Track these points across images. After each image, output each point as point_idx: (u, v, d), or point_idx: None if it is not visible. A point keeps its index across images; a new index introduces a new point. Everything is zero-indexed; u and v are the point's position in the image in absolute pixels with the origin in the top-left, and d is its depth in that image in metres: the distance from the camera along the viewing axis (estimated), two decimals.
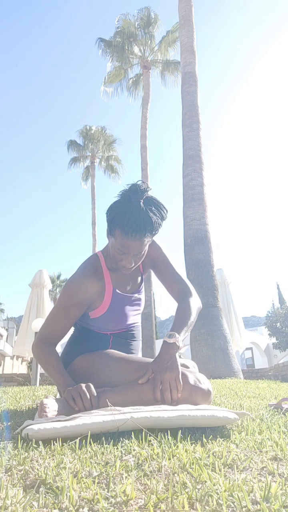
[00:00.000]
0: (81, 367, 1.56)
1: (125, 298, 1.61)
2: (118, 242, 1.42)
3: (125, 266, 1.47)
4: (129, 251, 1.43)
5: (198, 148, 7.37)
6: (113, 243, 1.46)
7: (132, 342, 1.68)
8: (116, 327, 1.62)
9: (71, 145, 21.14)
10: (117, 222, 1.40)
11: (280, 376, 6.49)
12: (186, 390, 1.32)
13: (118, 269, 1.53)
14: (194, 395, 1.33)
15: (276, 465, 0.84)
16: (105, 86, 16.80)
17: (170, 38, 15.31)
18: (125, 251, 1.43)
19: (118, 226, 1.39)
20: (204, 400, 1.35)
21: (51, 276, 24.20)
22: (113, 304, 1.57)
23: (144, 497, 0.67)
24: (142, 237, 1.40)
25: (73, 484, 0.71)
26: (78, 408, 1.27)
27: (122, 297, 1.59)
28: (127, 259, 1.45)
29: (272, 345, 23.42)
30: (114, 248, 1.47)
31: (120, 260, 1.47)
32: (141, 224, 1.37)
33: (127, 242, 1.40)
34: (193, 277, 6.56)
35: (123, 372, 1.45)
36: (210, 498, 0.65)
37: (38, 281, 6.66)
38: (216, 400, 2.02)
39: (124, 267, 1.48)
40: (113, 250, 1.48)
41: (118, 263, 1.49)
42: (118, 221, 1.39)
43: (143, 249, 1.46)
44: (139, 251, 1.44)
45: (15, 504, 0.63)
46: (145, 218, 1.37)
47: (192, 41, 8.10)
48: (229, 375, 5.50)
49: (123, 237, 1.39)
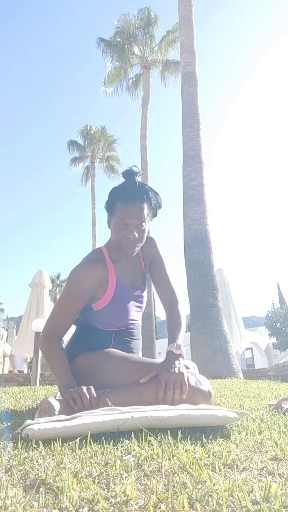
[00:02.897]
0: (82, 366, 1.56)
1: (128, 292, 1.62)
2: (120, 213, 1.49)
3: (129, 239, 1.50)
4: (131, 219, 1.48)
5: (198, 148, 7.37)
6: (115, 220, 1.52)
7: (133, 341, 1.68)
8: (118, 321, 1.62)
9: (72, 145, 21.15)
10: (116, 195, 1.52)
11: (280, 376, 6.49)
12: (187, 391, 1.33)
13: (122, 252, 1.56)
14: (194, 396, 1.33)
15: (276, 465, 0.84)
16: (105, 86, 16.80)
17: (170, 38, 15.31)
18: (127, 220, 1.48)
19: (118, 198, 1.51)
20: (205, 402, 1.35)
21: (51, 276, 24.21)
22: (116, 295, 1.58)
23: (144, 497, 0.67)
24: (141, 203, 1.49)
25: (73, 484, 0.71)
26: (78, 409, 1.28)
27: (125, 290, 1.61)
28: (130, 230, 1.49)
29: (272, 345, 23.42)
30: (116, 225, 1.52)
31: (124, 236, 1.50)
32: (138, 192, 1.49)
33: (128, 209, 1.48)
34: (193, 277, 6.56)
35: (124, 372, 1.45)
36: (210, 498, 0.65)
37: (38, 281, 6.66)
38: (216, 400, 2.02)
39: (128, 242, 1.51)
40: (116, 228, 1.52)
41: (122, 241, 1.52)
42: (118, 194, 1.52)
43: (143, 218, 1.51)
44: (140, 220, 1.49)
45: (15, 504, 0.63)
46: (142, 188, 1.51)
47: (192, 41, 8.10)
48: (229, 375, 5.50)
49: (124, 205, 1.48)
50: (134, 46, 15.85)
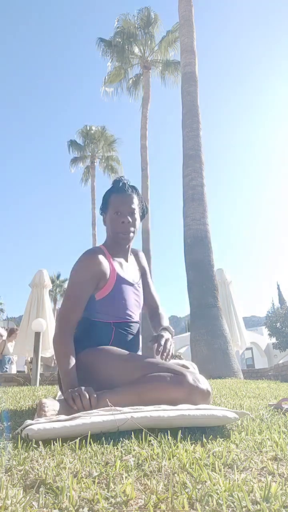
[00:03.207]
0: (84, 363, 1.56)
1: (127, 283, 1.71)
2: (114, 204, 1.70)
3: (124, 223, 1.68)
4: (124, 206, 1.69)
5: (198, 148, 7.37)
6: (110, 212, 1.71)
7: (133, 337, 1.71)
8: (119, 311, 1.67)
9: (72, 145, 21.15)
10: (109, 191, 1.75)
11: (280, 376, 6.49)
12: (184, 390, 1.33)
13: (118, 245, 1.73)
14: (193, 395, 1.33)
15: (276, 465, 0.83)
16: (105, 86, 16.79)
17: (170, 38, 15.31)
18: (121, 208, 1.69)
19: (112, 192, 1.73)
20: (204, 401, 1.35)
21: (51, 276, 24.19)
22: (117, 285, 1.66)
23: (144, 497, 0.67)
24: (132, 194, 1.72)
25: (73, 484, 0.71)
26: (77, 408, 1.28)
27: (124, 281, 1.70)
28: (124, 215, 1.69)
29: (272, 345, 23.43)
30: (112, 215, 1.71)
31: (119, 222, 1.69)
32: (128, 185, 1.73)
33: (121, 198, 1.70)
34: (193, 277, 6.56)
35: (125, 370, 1.46)
36: (210, 498, 0.65)
37: (38, 281, 6.65)
38: (216, 400, 2.02)
39: (123, 227, 1.69)
40: (111, 218, 1.71)
41: (117, 228, 1.70)
42: (111, 189, 1.75)
43: (135, 206, 1.71)
44: (132, 207, 1.70)
45: (15, 504, 0.63)
46: (131, 185, 1.76)
47: (192, 41, 8.10)
48: (229, 375, 5.50)
49: (117, 196, 1.71)
50: (134, 46, 15.85)
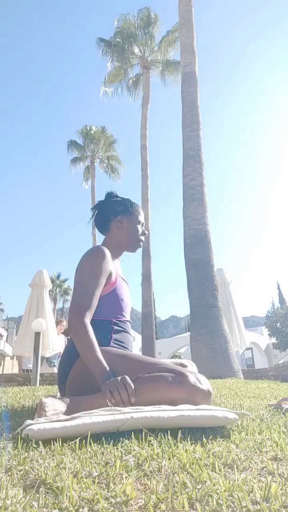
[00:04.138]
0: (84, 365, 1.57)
1: (125, 283, 1.83)
2: (141, 215, 1.94)
3: (145, 233, 1.94)
4: (143, 219, 1.96)
5: (198, 148, 7.37)
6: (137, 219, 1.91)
7: (128, 336, 1.76)
8: (118, 310, 1.72)
9: (72, 145, 21.15)
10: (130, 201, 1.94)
11: (280, 376, 6.49)
12: (185, 390, 1.33)
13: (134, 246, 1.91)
14: (194, 395, 1.33)
15: (276, 465, 0.84)
16: (105, 86, 16.79)
17: (170, 38, 15.31)
18: (143, 220, 1.95)
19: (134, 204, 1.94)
20: (204, 401, 1.35)
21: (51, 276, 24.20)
22: (119, 283, 1.76)
23: (144, 497, 0.67)
24: None
25: (73, 484, 0.71)
26: (116, 402, 1.27)
27: (123, 281, 1.82)
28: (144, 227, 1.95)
29: (272, 345, 23.43)
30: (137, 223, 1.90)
31: (142, 232, 1.92)
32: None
33: (142, 212, 1.96)
34: (193, 277, 6.56)
35: (127, 370, 1.46)
36: (210, 498, 0.65)
37: (38, 281, 6.65)
38: (216, 400, 2.02)
39: (144, 236, 1.94)
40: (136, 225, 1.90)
41: (141, 235, 1.92)
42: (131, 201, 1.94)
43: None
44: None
45: (15, 504, 0.63)
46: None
47: (192, 41, 8.09)
48: (229, 375, 5.49)
49: (139, 209, 1.95)
50: (134, 46, 15.85)
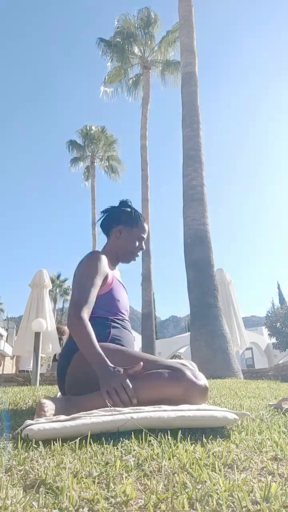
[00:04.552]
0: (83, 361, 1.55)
1: (121, 285, 1.89)
2: (142, 230, 1.93)
3: (142, 249, 1.94)
4: (145, 235, 1.96)
5: (198, 148, 7.37)
6: (138, 233, 1.91)
7: (128, 333, 1.78)
8: (115, 309, 1.76)
9: (71, 145, 21.14)
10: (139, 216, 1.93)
11: (280, 376, 6.49)
12: (183, 385, 1.34)
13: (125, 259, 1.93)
14: (190, 390, 1.34)
15: (276, 465, 0.83)
16: (105, 86, 16.78)
17: (170, 38, 15.30)
18: (144, 238, 1.95)
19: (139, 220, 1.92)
20: (201, 396, 1.36)
21: (51, 276, 24.21)
22: (115, 284, 1.81)
23: (144, 497, 0.67)
24: None
25: (73, 484, 0.71)
26: (114, 404, 1.27)
27: (119, 283, 1.88)
28: (143, 246, 1.94)
29: (272, 345, 23.43)
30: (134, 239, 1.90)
31: (139, 247, 1.93)
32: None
33: (146, 230, 1.96)
34: (193, 277, 6.56)
35: (125, 366, 1.46)
36: (210, 498, 0.65)
37: (38, 281, 6.65)
38: (216, 400, 2.02)
39: (140, 251, 1.94)
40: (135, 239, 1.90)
41: (136, 250, 1.92)
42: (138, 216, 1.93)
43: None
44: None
45: (15, 504, 0.63)
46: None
47: (192, 41, 8.09)
48: (229, 375, 5.49)
49: (144, 224, 1.94)
50: (134, 46, 15.84)
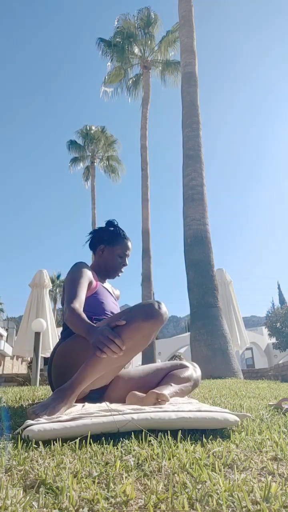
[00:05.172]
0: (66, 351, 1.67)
1: (107, 292, 1.98)
2: (123, 246, 2.06)
3: (125, 265, 2.08)
4: (128, 252, 2.09)
5: (198, 148, 7.37)
6: (118, 251, 2.04)
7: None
8: (99, 310, 1.84)
9: (71, 145, 21.12)
10: (119, 233, 2.07)
11: (280, 376, 6.49)
12: (154, 318, 1.47)
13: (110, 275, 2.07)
14: (157, 317, 1.47)
15: (276, 465, 0.84)
16: (105, 86, 16.77)
17: (170, 38, 15.29)
18: (127, 252, 2.08)
19: (120, 236, 2.06)
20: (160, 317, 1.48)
21: (51, 276, 24.21)
22: (100, 289, 1.92)
23: (144, 497, 0.67)
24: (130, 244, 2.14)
25: (73, 484, 0.71)
26: (109, 355, 1.35)
27: (105, 289, 1.98)
28: (125, 262, 2.08)
29: (272, 345, 23.44)
30: (118, 254, 2.04)
31: (121, 263, 2.06)
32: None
33: (128, 245, 2.08)
34: (193, 277, 6.55)
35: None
36: (210, 498, 0.65)
37: (38, 281, 6.65)
38: (216, 400, 2.02)
39: (122, 268, 2.08)
40: (116, 256, 2.04)
41: (118, 267, 2.06)
42: (120, 233, 2.07)
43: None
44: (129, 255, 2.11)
45: (15, 504, 0.63)
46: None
47: (192, 41, 8.09)
48: (229, 375, 5.49)
49: (126, 242, 2.07)
50: (134, 46, 15.83)
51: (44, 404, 1.30)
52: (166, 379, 1.71)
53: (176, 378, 1.70)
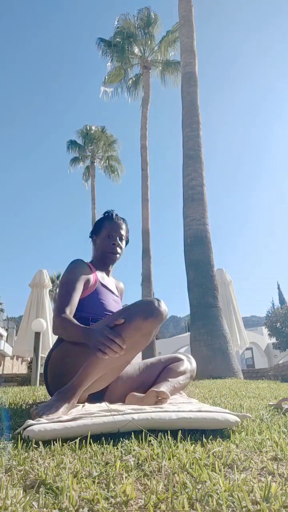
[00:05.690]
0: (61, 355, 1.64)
1: (106, 289, 1.92)
2: (107, 228, 1.96)
3: (114, 245, 1.95)
4: (116, 231, 1.96)
5: (198, 148, 7.36)
6: (103, 234, 1.96)
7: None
8: (97, 310, 1.81)
9: (71, 145, 21.11)
10: (103, 218, 2.01)
11: (280, 376, 6.49)
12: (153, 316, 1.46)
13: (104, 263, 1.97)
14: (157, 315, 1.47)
15: (276, 465, 0.84)
16: (105, 86, 16.76)
17: (170, 38, 15.29)
18: (113, 232, 1.96)
19: (105, 220, 2.00)
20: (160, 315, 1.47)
21: (51, 276, 24.18)
22: (98, 288, 1.87)
23: (144, 497, 0.67)
24: (122, 223, 2.00)
25: (73, 484, 0.71)
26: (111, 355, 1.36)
27: (104, 287, 1.91)
28: (115, 239, 1.95)
29: (272, 345, 23.43)
30: (104, 237, 1.96)
31: (110, 243, 1.95)
32: (119, 216, 2.02)
33: (114, 225, 1.97)
34: (193, 277, 6.55)
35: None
36: (210, 498, 0.65)
37: (38, 281, 6.65)
38: (216, 400, 2.02)
39: (113, 248, 1.95)
40: (103, 239, 1.96)
41: (107, 248, 1.95)
42: (105, 217, 2.01)
43: (123, 233, 1.99)
44: (121, 233, 1.98)
45: (15, 504, 0.63)
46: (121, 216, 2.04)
47: (192, 41, 8.09)
48: (229, 375, 5.49)
49: (111, 223, 1.98)
50: (134, 46, 15.82)
51: (47, 404, 1.31)
52: (163, 375, 1.72)
53: (173, 373, 1.72)
